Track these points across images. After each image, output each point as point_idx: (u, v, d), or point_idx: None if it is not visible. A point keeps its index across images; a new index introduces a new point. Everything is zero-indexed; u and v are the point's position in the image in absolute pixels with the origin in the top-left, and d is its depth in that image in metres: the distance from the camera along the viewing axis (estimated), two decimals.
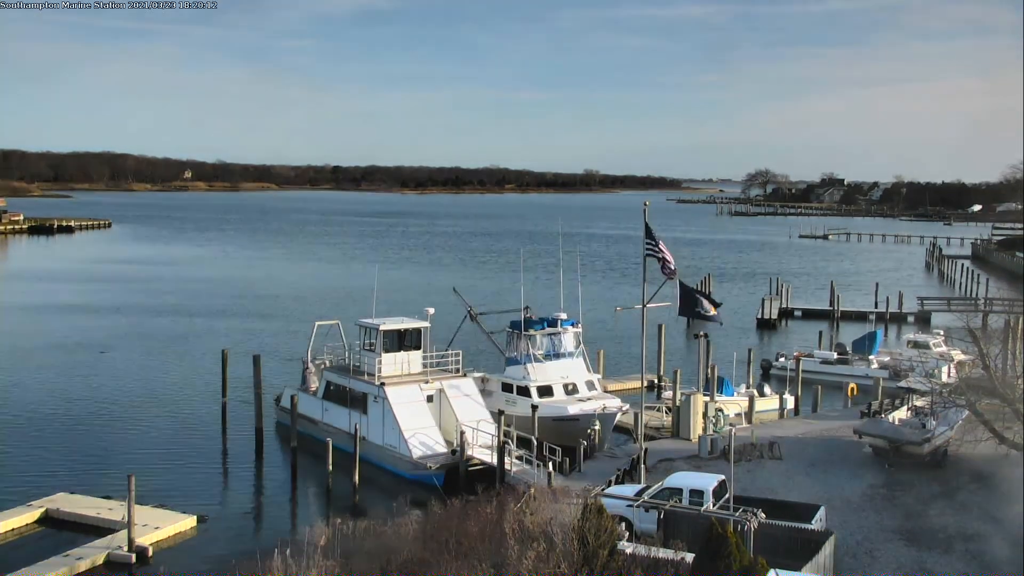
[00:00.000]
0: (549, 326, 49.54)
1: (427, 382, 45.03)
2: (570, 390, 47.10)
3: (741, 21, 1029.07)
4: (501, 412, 41.72)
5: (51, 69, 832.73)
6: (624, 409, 46.04)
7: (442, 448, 42.55)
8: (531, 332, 48.70)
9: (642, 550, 25.47)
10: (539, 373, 47.28)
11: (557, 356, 48.60)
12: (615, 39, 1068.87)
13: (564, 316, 50.42)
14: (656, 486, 32.34)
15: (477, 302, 57.24)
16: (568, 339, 49.44)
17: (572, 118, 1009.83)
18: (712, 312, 38.43)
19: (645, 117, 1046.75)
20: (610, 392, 50.26)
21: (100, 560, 31.90)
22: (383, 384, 44.18)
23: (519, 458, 40.83)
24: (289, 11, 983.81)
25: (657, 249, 36.89)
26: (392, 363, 45.59)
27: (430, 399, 44.68)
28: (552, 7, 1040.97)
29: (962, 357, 55.18)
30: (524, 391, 46.67)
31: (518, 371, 47.88)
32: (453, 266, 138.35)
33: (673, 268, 37.15)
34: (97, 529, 34.54)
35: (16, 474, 41.93)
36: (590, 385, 47.98)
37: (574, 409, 45.24)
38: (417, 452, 42.01)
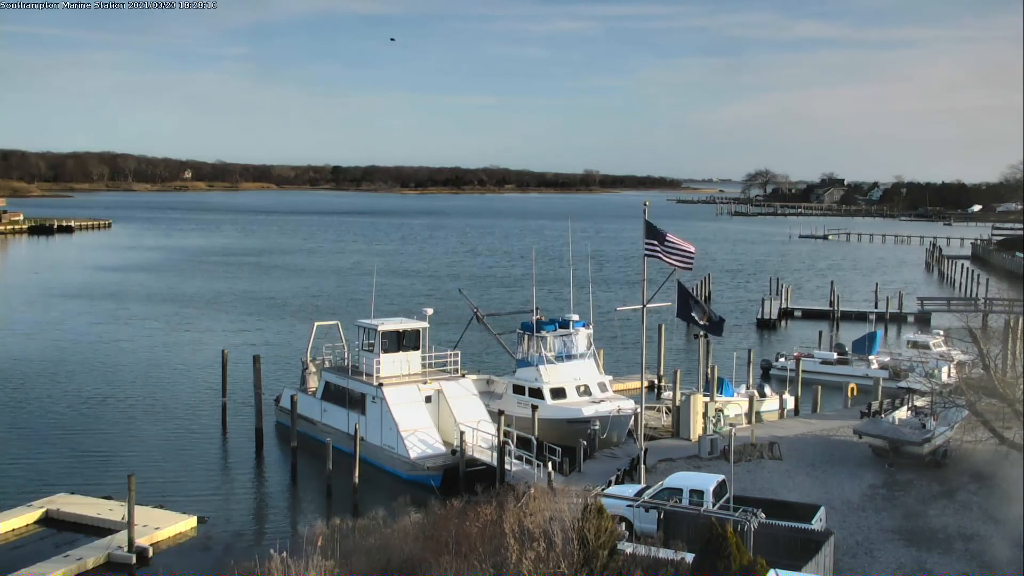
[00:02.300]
0: (560, 327, 49.40)
1: (425, 383, 44.99)
2: (583, 392, 46.95)
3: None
4: (501, 412, 41.68)
5: (51, 68, 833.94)
6: (636, 411, 45.94)
7: (440, 449, 42.50)
8: (543, 334, 48.49)
9: (642, 550, 25.46)
10: (552, 375, 47.09)
11: (569, 358, 48.40)
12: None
13: (576, 317, 50.28)
14: (656, 486, 32.33)
15: (483, 304, 57.21)
16: (580, 340, 49.30)
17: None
18: (703, 322, 38.04)
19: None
20: (613, 392, 50.16)
21: (100, 560, 31.89)
22: (381, 384, 44.15)
23: (519, 458, 40.82)
24: (289, 11, 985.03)
25: (667, 243, 35.90)
26: (391, 364, 45.55)
27: (428, 400, 44.63)
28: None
29: (962, 357, 55.21)
30: (537, 393, 46.53)
31: (530, 373, 47.64)
32: (457, 266, 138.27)
33: (691, 258, 36.00)
34: (97, 529, 34.55)
35: (16, 474, 41.96)
36: (603, 387, 47.78)
37: (589, 411, 45.07)
38: (415, 453, 41.98)
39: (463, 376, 46.80)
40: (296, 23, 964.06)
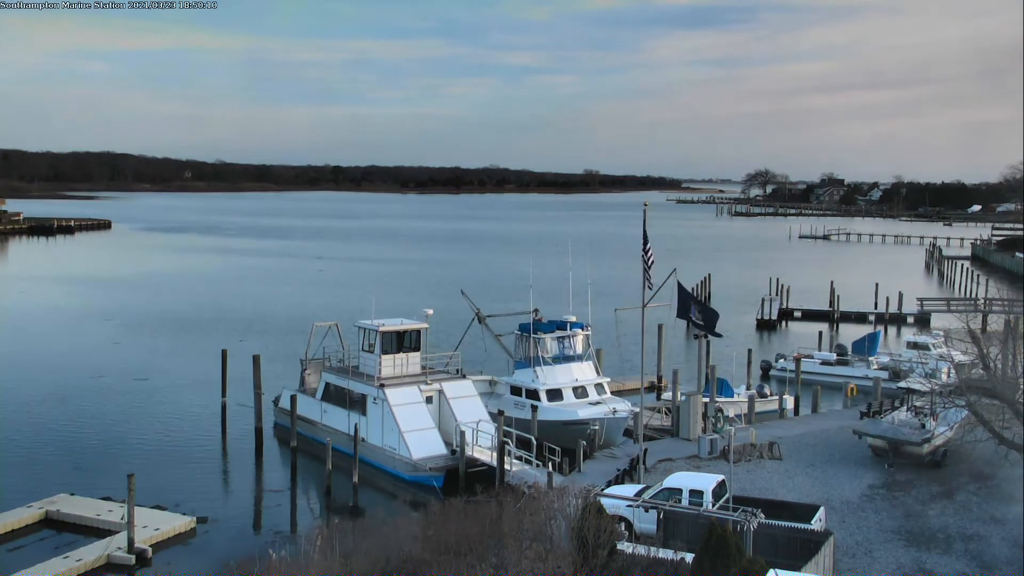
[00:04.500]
0: (558, 329, 49.41)
1: (427, 383, 44.97)
2: (580, 393, 46.94)
3: None
4: (501, 412, 41.68)
5: (50, 68, 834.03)
6: (635, 411, 45.90)
7: (442, 449, 42.48)
8: (540, 335, 48.47)
9: (642, 550, 25.48)
10: (548, 376, 47.12)
11: (567, 359, 48.37)
12: None
13: (574, 319, 50.29)
14: (656, 486, 32.36)
15: (485, 305, 57.09)
16: (578, 342, 49.30)
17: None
18: (701, 322, 38.45)
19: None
20: (611, 393, 50.16)
21: (100, 561, 31.87)
22: (383, 385, 44.14)
23: (519, 458, 40.82)
24: (289, 11, 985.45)
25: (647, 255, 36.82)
26: (391, 364, 45.53)
27: (429, 400, 44.62)
28: None
29: (962, 358, 55.19)
30: (533, 394, 46.53)
31: (527, 374, 47.64)
32: (459, 268, 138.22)
33: (650, 278, 37.02)
34: (97, 530, 34.54)
35: (16, 474, 41.92)
36: (600, 388, 47.80)
37: (584, 413, 45.06)
38: (417, 453, 41.95)
39: (463, 377, 46.78)
40: (296, 21, 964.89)
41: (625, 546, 26.02)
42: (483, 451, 41.65)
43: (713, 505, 29.94)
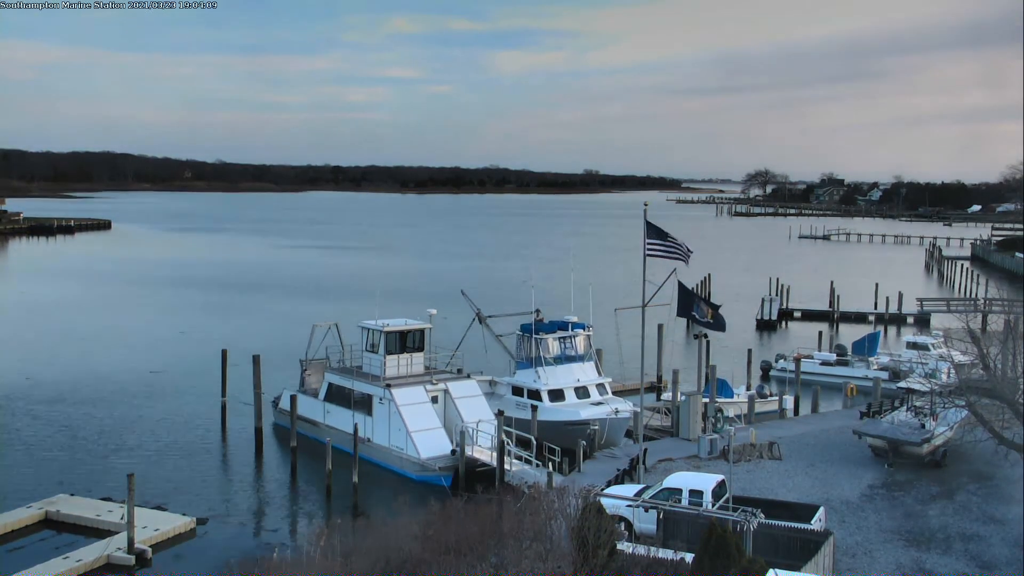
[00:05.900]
0: (560, 329, 49.40)
1: (432, 383, 44.98)
2: (582, 394, 46.98)
3: None
4: (501, 412, 41.70)
5: (51, 69, 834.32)
6: (635, 412, 45.89)
7: (449, 449, 42.53)
8: (542, 335, 48.50)
9: (641, 550, 25.47)
10: (551, 377, 47.14)
11: (568, 360, 48.42)
12: None
13: (575, 319, 50.31)
14: (656, 486, 32.37)
15: (485, 305, 57.04)
16: (579, 342, 49.34)
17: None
18: (708, 318, 38.36)
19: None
20: (612, 393, 50.14)
21: (100, 562, 31.86)
22: (389, 385, 44.13)
23: (519, 458, 40.82)
24: (289, 10, 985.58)
25: (665, 246, 36.49)
26: (395, 364, 45.53)
27: (435, 400, 44.61)
28: None
29: (962, 358, 55.15)
30: (536, 395, 46.55)
31: (529, 375, 47.67)
32: (459, 268, 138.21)
33: (687, 252, 36.62)
34: (97, 530, 34.55)
35: (16, 475, 41.95)
36: (601, 389, 47.84)
37: (586, 413, 45.09)
38: (425, 453, 41.96)
39: (468, 377, 46.78)
40: (295, 21, 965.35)
41: (625, 546, 26.00)
42: (483, 451, 41.66)
43: (713, 505, 29.95)
